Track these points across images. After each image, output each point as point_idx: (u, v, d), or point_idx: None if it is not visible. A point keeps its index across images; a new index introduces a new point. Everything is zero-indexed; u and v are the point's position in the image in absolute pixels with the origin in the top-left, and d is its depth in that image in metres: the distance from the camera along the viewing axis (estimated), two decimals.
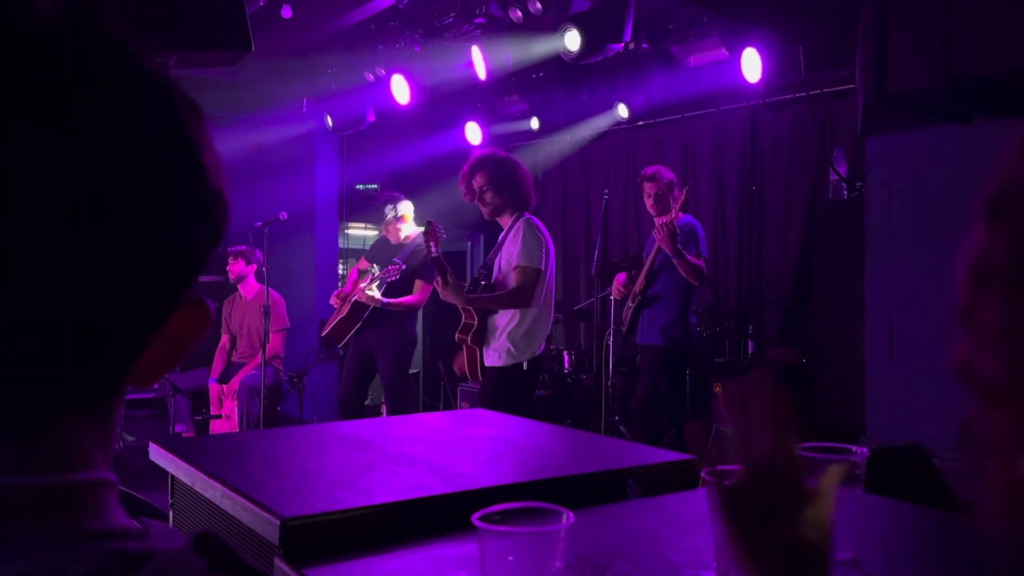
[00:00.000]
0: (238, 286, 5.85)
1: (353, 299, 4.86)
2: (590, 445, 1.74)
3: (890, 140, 3.29)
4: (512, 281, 3.48)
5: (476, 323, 3.62)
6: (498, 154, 3.71)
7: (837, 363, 4.08)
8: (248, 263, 5.77)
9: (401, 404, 4.92)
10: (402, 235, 5.02)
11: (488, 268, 3.73)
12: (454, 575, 1.07)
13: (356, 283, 5.04)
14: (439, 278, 3.56)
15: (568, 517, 0.83)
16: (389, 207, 5.02)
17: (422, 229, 4.91)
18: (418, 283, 4.80)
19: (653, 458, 1.51)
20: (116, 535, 0.43)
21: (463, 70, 5.60)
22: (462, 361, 3.77)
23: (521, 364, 3.44)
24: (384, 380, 4.95)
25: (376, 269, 4.81)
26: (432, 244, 3.70)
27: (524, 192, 3.61)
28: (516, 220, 3.57)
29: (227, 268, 5.79)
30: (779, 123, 5.91)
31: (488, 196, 3.59)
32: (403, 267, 4.62)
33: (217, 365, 5.71)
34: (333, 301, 5.06)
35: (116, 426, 0.50)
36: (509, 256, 3.49)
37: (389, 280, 4.74)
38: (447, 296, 3.57)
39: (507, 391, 3.43)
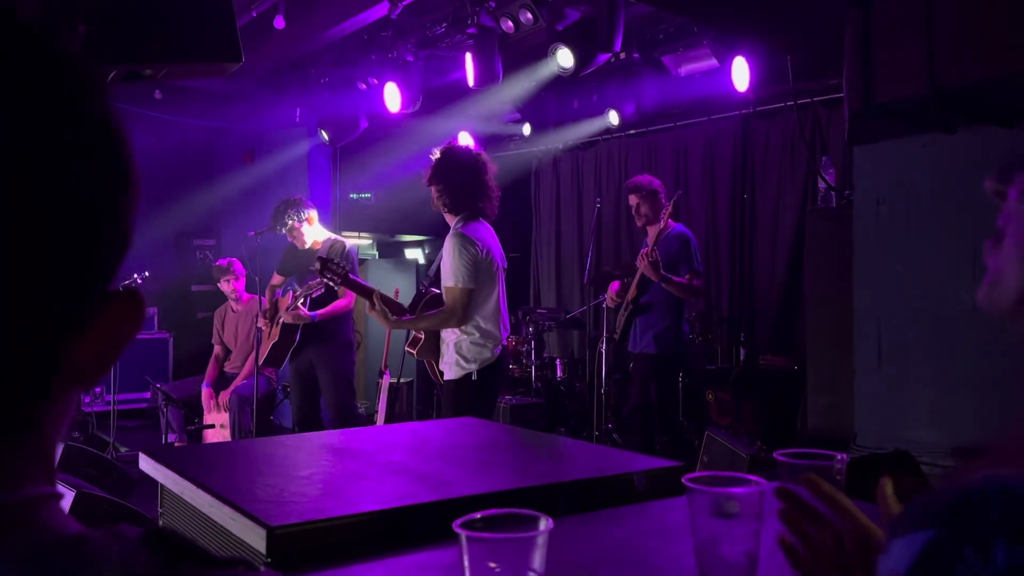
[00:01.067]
0: (229, 298, 5.87)
1: (281, 321, 4.70)
2: (577, 453, 1.75)
3: (877, 148, 3.32)
4: (444, 300, 3.40)
5: (423, 337, 3.57)
6: (459, 151, 3.48)
7: (827, 370, 4.10)
8: (237, 278, 5.79)
9: (350, 416, 4.68)
10: (308, 240, 4.78)
11: (431, 280, 3.68)
12: None
13: (272, 300, 4.93)
14: (367, 302, 3.45)
15: (547, 523, 0.84)
16: (291, 211, 4.73)
17: (330, 235, 4.84)
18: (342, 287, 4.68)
19: (639, 465, 1.52)
20: (47, 548, 0.41)
21: (455, 79, 5.63)
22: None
23: (471, 374, 3.34)
24: (327, 392, 4.70)
25: (296, 286, 4.66)
26: (328, 280, 3.62)
27: (465, 195, 3.39)
28: (453, 229, 3.40)
29: (232, 287, 5.75)
30: (770, 131, 5.96)
31: (432, 188, 3.48)
32: (347, 266, 4.55)
33: (211, 373, 5.72)
34: (261, 324, 4.90)
35: (52, 436, 0.47)
36: (443, 272, 3.38)
37: (314, 295, 4.58)
38: (374, 317, 3.47)
39: (459, 402, 3.34)
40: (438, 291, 3.54)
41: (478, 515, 0.86)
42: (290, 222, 4.71)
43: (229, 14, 2.18)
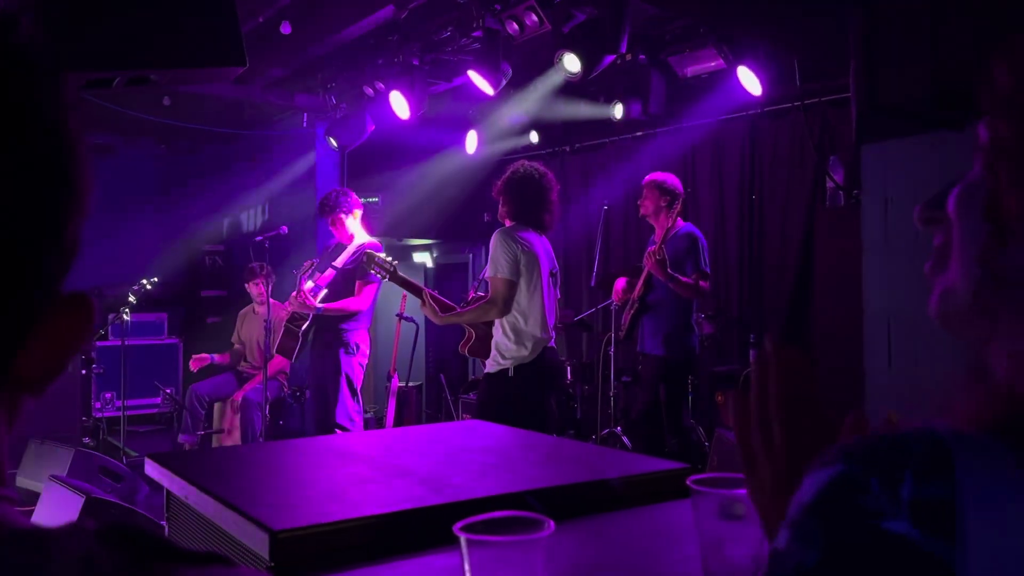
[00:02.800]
0: (255, 304, 5.88)
1: (290, 309, 4.66)
2: (583, 455, 1.74)
3: (884, 147, 3.30)
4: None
5: (473, 336, 3.71)
6: (528, 169, 3.68)
7: (838, 371, 4.07)
8: (267, 282, 5.76)
9: (347, 421, 4.57)
10: (347, 235, 4.77)
11: (481, 284, 3.79)
12: None
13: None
14: (419, 299, 3.66)
15: (548, 526, 0.84)
16: (342, 199, 4.73)
17: (366, 237, 4.82)
18: (358, 284, 4.53)
19: (645, 467, 1.52)
20: (6, 544, 0.40)
21: (461, 83, 5.63)
22: None
23: (507, 370, 3.43)
24: (330, 395, 4.62)
25: (311, 274, 4.64)
26: (376, 272, 3.73)
27: (524, 204, 3.60)
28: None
29: (260, 289, 5.72)
30: (778, 131, 5.93)
31: (500, 203, 3.70)
32: (395, 262, 4.43)
33: (225, 357, 5.77)
34: (282, 314, 4.91)
35: (3, 440, 0.46)
36: (488, 266, 3.55)
37: (307, 277, 4.53)
38: (426, 313, 3.67)
39: (492, 397, 3.45)
40: (484, 295, 3.67)
41: (479, 518, 0.85)
42: (337, 211, 4.72)
43: (233, 19, 2.18)
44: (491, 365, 3.52)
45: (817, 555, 0.44)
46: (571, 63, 4.45)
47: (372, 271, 3.86)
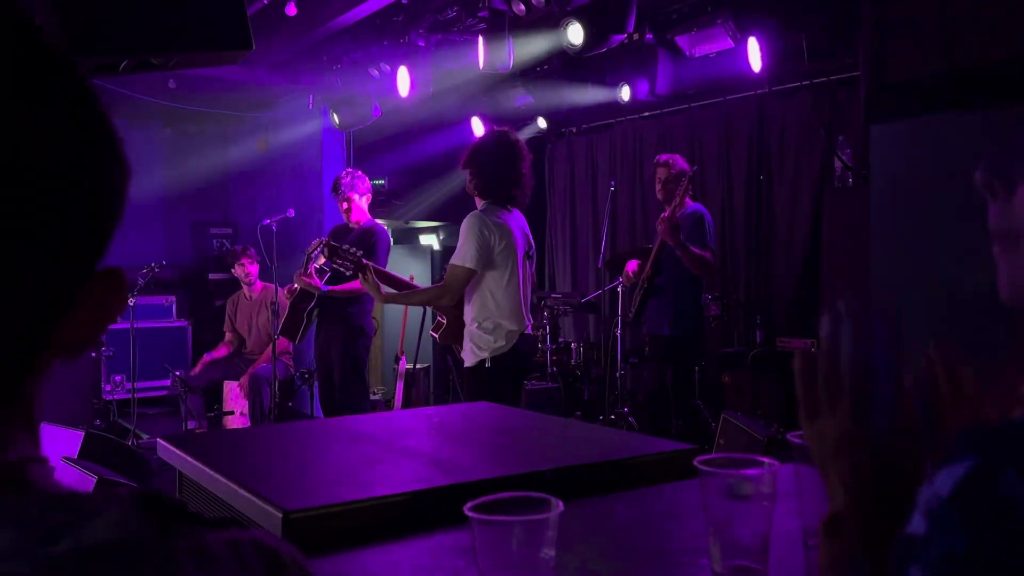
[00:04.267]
0: (243, 285, 5.91)
1: (295, 288, 4.65)
2: (590, 436, 1.75)
3: (894, 127, 3.27)
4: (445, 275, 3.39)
5: (446, 321, 3.57)
6: (495, 136, 3.43)
7: None
8: (252, 262, 5.85)
9: (356, 402, 4.57)
10: (354, 217, 4.78)
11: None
12: (453, 565, 1.09)
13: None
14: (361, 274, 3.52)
15: (557, 505, 0.85)
16: (356, 181, 4.73)
17: (373, 221, 4.78)
18: None
19: (652, 448, 1.52)
20: (40, 506, 0.42)
21: (468, 64, 5.60)
22: None
23: (484, 361, 3.30)
24: (336, 377, 4.64)
25: (318, 255, 4.58)
26: (339, 267, 3.63)
27: (497, 182, 3.36)
28: (475, 210, 3.40)
29: (246, 270, 5.79)
30: (786, 111, 5.89)
31: (467, 175, 3.47)
32: (359, 253, 4.14)
33: (216, 353, 5.79)
34: (281, 296, 4.91)
35: (37, 406, 0.49)
36: (456, 251, 3.35)
37: (314, 261, 4.51)
38: (367, 288, 3.56)
39: (473, 389, 3.32)
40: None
41: (490, 498, 0.86)
42: (347, 191, 4.72)
43: (239, 1, 2.17)
44: (469, 358, 3.36)
45: (965, 543, 0.48)
46: (575, 34, 4.40)
47: (336, 264, 3.69)
